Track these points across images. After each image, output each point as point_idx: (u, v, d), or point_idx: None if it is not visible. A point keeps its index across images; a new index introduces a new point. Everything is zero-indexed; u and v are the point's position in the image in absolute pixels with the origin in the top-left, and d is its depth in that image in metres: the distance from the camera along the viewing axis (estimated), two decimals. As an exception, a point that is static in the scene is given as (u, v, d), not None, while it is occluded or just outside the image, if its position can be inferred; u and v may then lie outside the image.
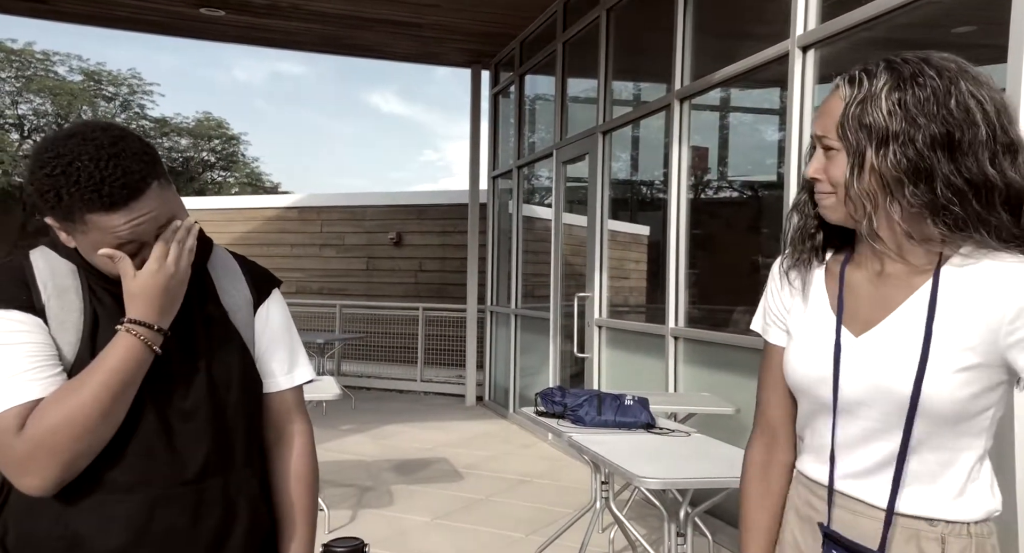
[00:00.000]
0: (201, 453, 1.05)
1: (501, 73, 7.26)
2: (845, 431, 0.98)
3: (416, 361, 8.25)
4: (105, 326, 1.02)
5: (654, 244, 5.13)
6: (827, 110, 0.95)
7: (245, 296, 1.16)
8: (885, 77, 0.90)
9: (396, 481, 4.55)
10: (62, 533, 0.99)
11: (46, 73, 22.45)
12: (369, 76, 72.89)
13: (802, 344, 1.03)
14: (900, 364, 0.92)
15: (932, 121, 0.87)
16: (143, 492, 1.01)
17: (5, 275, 1.02)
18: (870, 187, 0.91)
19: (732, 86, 4.13)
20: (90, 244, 0.99)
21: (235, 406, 1.10)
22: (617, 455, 2.33)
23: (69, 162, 0.94)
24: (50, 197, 0.95)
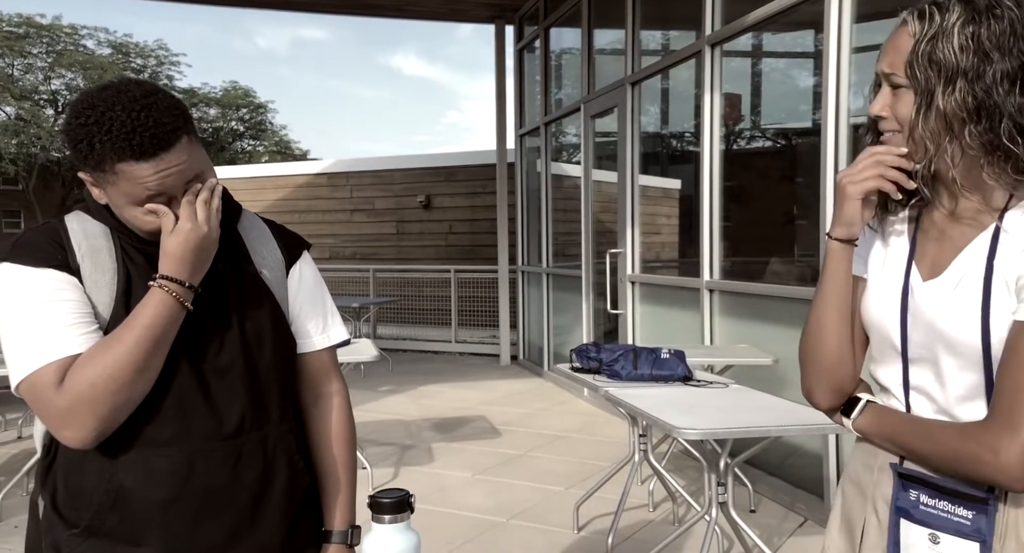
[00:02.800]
0: (237, 408, 1.07)
1: (525, 27, 7.11)
2: (918, 371, 0.97)
3: (450, 322, 8.33)
4: (138, 285, 1.04)
5: (686, 197, 5.05)
6: (895, 46, 0.91)
7: (276, 257, 1.17)
8: (959, 10, 0.87)
9: (436, 439, 4.64)
10: (108, 487, 1.02)
11: (75, 47, 22.66)
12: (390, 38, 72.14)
13: (875, 286, 1.02)
14: (964, 313, 0.90)
15: (1006, 55, 0.85)
16: (183, 446, 1.03)
17: (41, 236, 1.04)
18: (935, 128, 0.88)
19: (765, 29, 3.98)
20: (120, 196, 1.00)
21: (269, 362, 1.12)
22: (655, 407, 2.34)
23: (102, 112, 0.96)
24: (83, 147, 0.97)
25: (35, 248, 1.01)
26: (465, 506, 3.47)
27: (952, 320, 0.91)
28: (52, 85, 23.33)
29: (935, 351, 0.94)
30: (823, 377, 1.02)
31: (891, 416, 0.99)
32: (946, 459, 0.91)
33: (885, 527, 0.99)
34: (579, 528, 3.18)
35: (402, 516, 0.94)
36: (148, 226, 1.02)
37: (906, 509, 0.96)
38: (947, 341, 0.92)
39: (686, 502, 3.27)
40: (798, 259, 3.94)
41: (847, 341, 1.01)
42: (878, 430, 0.99)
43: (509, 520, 3.31)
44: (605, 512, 3.26)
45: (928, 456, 0.93)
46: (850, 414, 1.02)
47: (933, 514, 0.93)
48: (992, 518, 0.89)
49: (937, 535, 0.93)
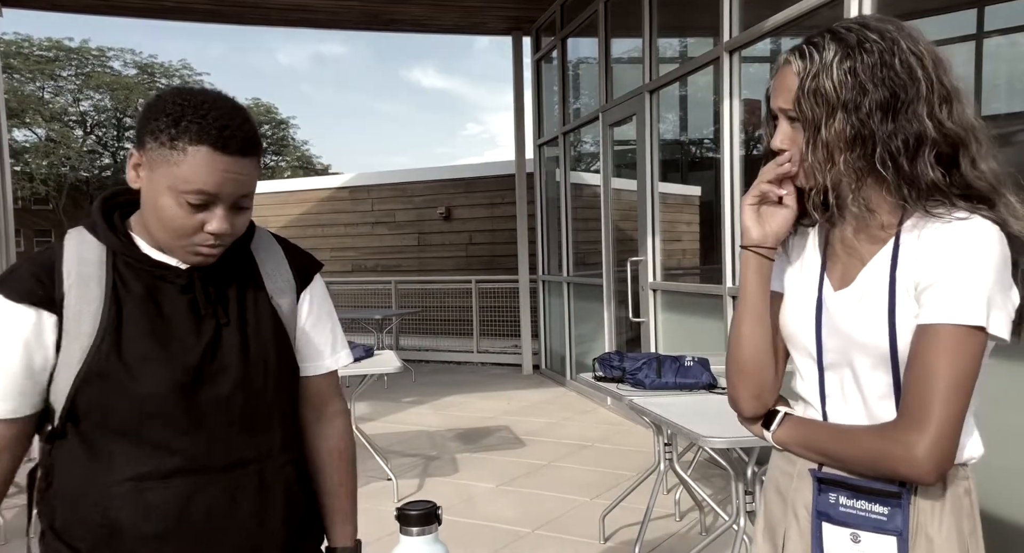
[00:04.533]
0: (236, 441, 1.06)
1: (543, 38, 7.15)
2: (832, 378, 1.03)
3: (472, 333, 8.34)
4: (131, 317, 1.01)
5: (706, 204, 5.02)
6: (784, 85, 0.98)
7: (288, 281, 1.15)
8: (833, 47, 0.94)
9: (460, 450, 4.64)
10: (101, 521, 1.01)
11: (103, 69, 23.18)
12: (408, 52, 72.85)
13: (791, 300, 1.07)
14: (872, 319, 0.96)
15: (879, 86, 0.91)
16: (180, 480, 1.02)
17: (31, 266, 1.02)
18: (820, 157, 0.95)
19: (783, 34, 3.97)
20: (167, 179, 0.97)
21: (272, 394, 1.10)
22: (680, 416, 2.32)
23: (203, 102, 0.98)
24: (166, 119, 0.96)
25: (20, 280, 1.00)
26: (491, 517, 3.47)
27: (862, 326, 0.97)
28: (81, 107, 23.86)
29: (848, 356, 1.00)
30: (744, 384, 1.06)
31: (808, 425, 1.04)
32: (863, 460, 0.95)
33: (805, 531, 1.03)
34: (605, 538, 3.16)
35: (430, 528, 0.95)
36: (175, 221, 0.99)
37: (826, 512, 1.00)
38: (858, 346, 0.98)
39: (713, 511, 3.23)
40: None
41: (764, 348, 1.05)
42: (796, 439, 1.04)
43: (535, 531, 3.29)
44: (631, 522, 3.24)
45: (846, 459, 0.98)
46: (770, 426, 1.07)
47: (852, 514, 0.98)
48: (906, 511, 0.94)
49: (858, 534, 0.97)
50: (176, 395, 1.02)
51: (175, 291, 1.05)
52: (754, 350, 1.05)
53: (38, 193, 24.37)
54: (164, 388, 1.01)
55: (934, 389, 0.88)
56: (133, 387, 1.00)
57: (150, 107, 1.00)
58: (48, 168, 23.40)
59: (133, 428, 1.01)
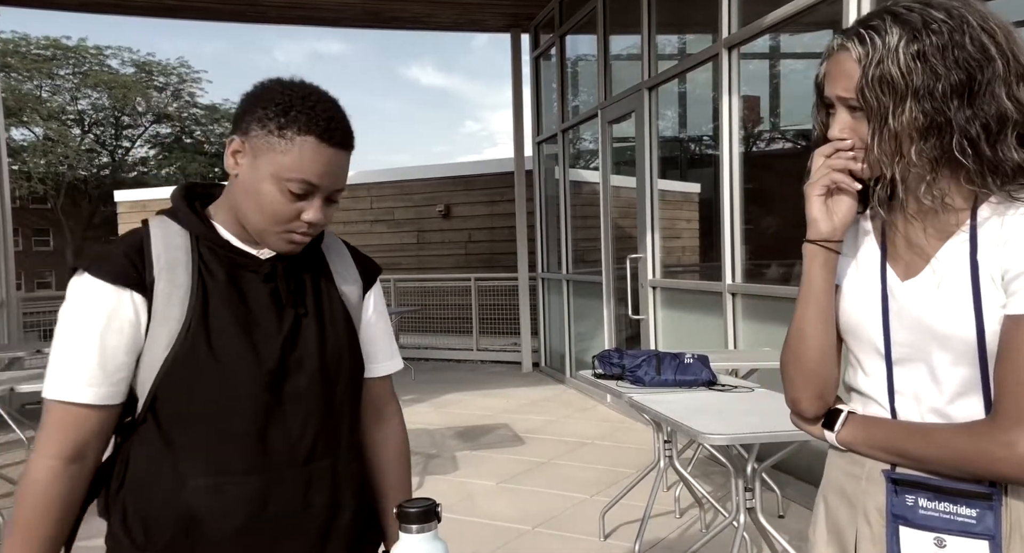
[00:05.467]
0: (311, 435, 1.06)
1: (541, 35, 7.14)
2: (903, 373, 0.96)
3: (471, 331, 8.34)
4: (217, 305, 1.02)
5: (706, 201, 5.02)
6: (841, 72, 0.91)
7: (356, 280, 1.18)
8: (896, 30, 0.87)
9: (460, 447, 4.64)
10: (180, 514, 1.01)
11: (100, 67, 23.12)
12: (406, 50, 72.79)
13: (851, 290, 1.01)
14: (955, 309, 0.90)
15: (952, 69, 0.85)
16: (258, 474, 1.02)
17: (123, 248, 1.02)
18: (888, 148, 0.89)
19: (782, 31, 3.96)
20: (272, 167, 0.99)
21: (343, 388, 1.11)
22: (679, 413, 2.32)
23: (308, 94, 1.01)
24: (275, 108, 0.99)
25: (114, 263, 1.00)
26: (490, 515, 3.47)
27: (943, 317, 0.91)
28: (79, 105, 23.81)
29: (925, 349, 0.93)
30: (807, 384, 1.01)
31: (879, 424, 0.97)
32: (952, 460, 0.89)
33: (879, 536, 0.96)
34: (605, 536, 3.16)
35: (429, 525, 0.94)
36: (274, 206, 1.01)
37: (903, 515, 0.94)
38: (938, 338, 0.91)
39: (713, 508, 3.23)
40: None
41: (830, 347, 1.00)
42: (866, 439, 0.97)
43: (535, 528, 3.29)
44: (631, 519, 3.24)
45: (930, 460, 0.91)
46: (832, 426, 1.01)
47: (935, 517, 0.92)
48: (999, 514, 0.88)
49: (943, 538, 0.91)
50: (260, 385, 1.02)
51: (257, 280, 1.06)
52: (820, 350, 0.99)
53: (36, 192, 24.33)
54: (250, 377, 1.02)
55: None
56: (220, 375, 1.00)
57: (256, 96, 1.02)
58: (46, 167, 23.36)
59: (215, 418, 1.01)
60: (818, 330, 1.00)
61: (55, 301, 9.12)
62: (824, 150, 0.96)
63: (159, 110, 24.13)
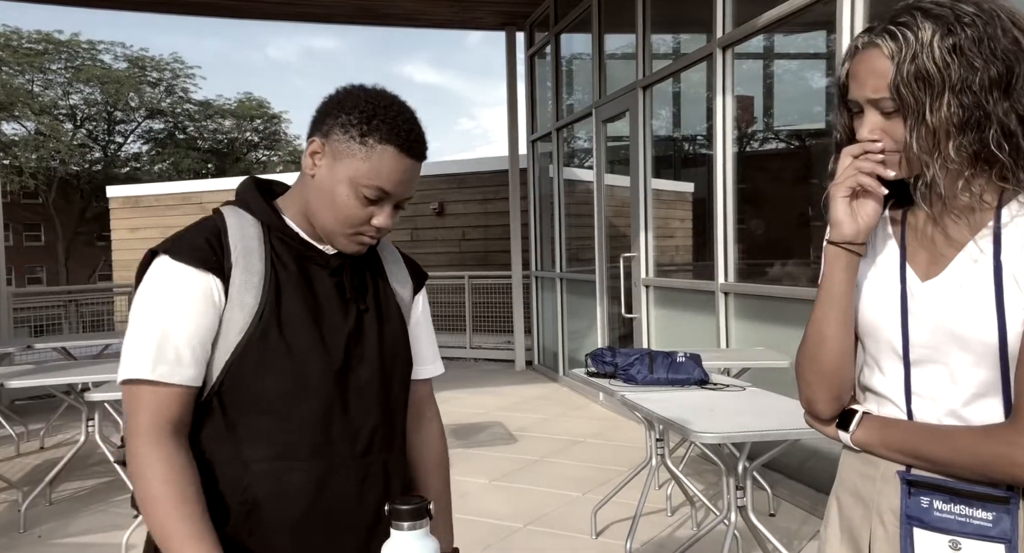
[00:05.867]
0: (369, 428, 1.08)
1: (536, 34, 7.13)
2: (922, 374, 0.95)
3: (464, 328, 8.34)
4: (288, 296, 1.04)
5: (699, 201, 5.03)
6: (873, 69, 0.90)
7: (408, 282, 1.21)
8: (929, 25, 0.86)
9: (452, 445, 4.64)
10: (243, 498, 1.02)
11: (93, 62, 22.97)
12: (400, 47, 72.64)
13: (869, 290, 1.00)
14: (976, 311, 0.89)
15: (989, 61, 0.84)
16: (318, 463, 1.04)
17: (203, 234, 1.04)
18: (925, 144, 0.88)
19: (776, 31, 3.97)
20: (349, 171, 1.02)
21: (398, 385, 1.14)
22: (671, 411, 2.33)
23: (391, 103, 1.04)
24: (360, 116, 1.01)
25: (195, 247, 1.02)
26: (483, 512, 3.47)
27: (964, 319, 0.90)
28: (71, 100, 23.66)
29: (944, 351, 0.92)
30: (824, 386, 1.00)
31: (896, 425, 0.96)
32: (971, 463, 0.88)
33: (894, 537, 0.96)
34: (597, 533, 3.17)
35: (420, 523, 0.95)
36: (347, 210, 1.03)
37: (918, 517, 0.93)
38: (958, 340, 0.91)
39: (704, 506, 3.25)
40: (814, 261, 3.91)
41: (849, 349, 0.99)
42: (882, 440, 0.97)
43: (527, 526, 3.30)
44: (623, 517, 3.25)
45: (948, 462, 0.91)
46: (846, 427, 1.00)
47: (950, 519, 0.91)
48: (1015, 518, 0.87)
49: (958, 541, 0.90)
50: (329, 375, 1.05)
51: (323, 274, 1.08)
52: (840, 353, 0.98)
53: (27, 187, 24.17)
54: (319, 367, 1.04)
55: None
56: (291, 363, 1.02)
57: (340, 101, 1.04)
58: (37, 162, 23.21)
59: (283, 405, 1.03)
60: (839, 334, 0.98)
61: (46, 296, 9.04)
62: (852, 150, 0.94)
63: (152, 106, 24.01)
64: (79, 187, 24.45)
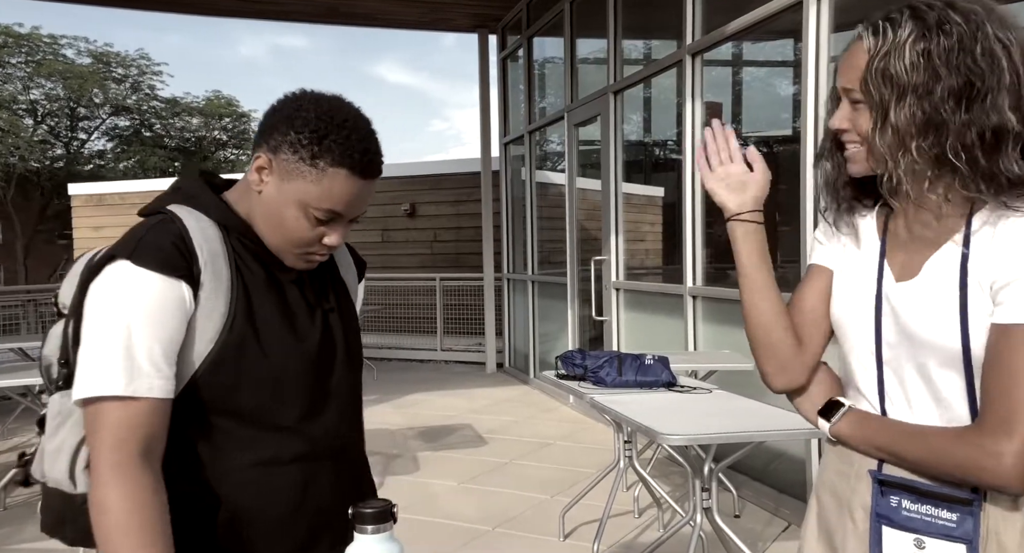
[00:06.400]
0: (345, 427, 1.09)
1: (508, 37, 7.14)
2: (893, 374, 0.97)
3: (435, 330, 8.31)
4: (259, 299, 1.01)
5: (669, 205, 5.08)
6: (852, 62, 0.93)
7: (355, 275, 1.21)
8: (910, 26, 0.88)
9: (421, 448, 4.62)
10: (223, 507, 1.00)
11: (55, 57, 22.43)
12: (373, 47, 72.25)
13: (845, 287, 1.02)
14: (942, 316, 0.90)
15: (953, 72, 0.85)
16: (299, 465, 1.04)
17: (166, 237, 0.96)
18: (890, 142, 0.89)
19: (745, 38, 4.04)
20: (298, 193, 0.97)
21: (359, 382, 1.15)
22: (639, 413, 2.35)
23: (344, 120, 0.97)
24: (311, 135, 0.95)
25: (162, 251, 0.94)
26: (451, 515, 3.46)
27: (930, 323, 0.92)
28: (31, 95, 23.05)
29: (912, 352, 0.94)
30: (763, 358, 1.04)
31: (875, 422, 0.98)
32: (941, 464, 0.90)
33: (864, 535, 0.98)
34: (565, 536, 3.18)
35: (384, 526, 0.94)
36: (297, 232, 0.99)
37: (887, 515, 0.95)
38: (924, 342, 0.92)
39: (671, 508, 3.27)
40: (780, 265, 3.98)
41: (773, 321, 1.02)
42: (861, 435, 0.98)
43: (495, 529, 3.30)
44: (591, 519, 3.26)
45: (919, 461, 0.92)
46: (829, 418, 1.01)
47: (917, 519, 0.93)
48: (978, 519, 0.89)
49: (922, 540, 0.92)
50: (306, 378, 1.04)
51: (286, 279, 1.06)
52: (764, 326, 1.01)
53: (-15, 184, 23.48)
54: (297, 370, 1.03)
55: (1020, 394, 0.83)
56: (268, 367, 1.00)
57: (289, 117, 0.97)
58: (-4, 158, 22.55)
59: (259, 410, 1.01)
60: (755, 307, 1.02)
61: (3, 296, 8.78)
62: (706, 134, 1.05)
63: (117, 102, 23.51)
64: (39, 184, 23.81)
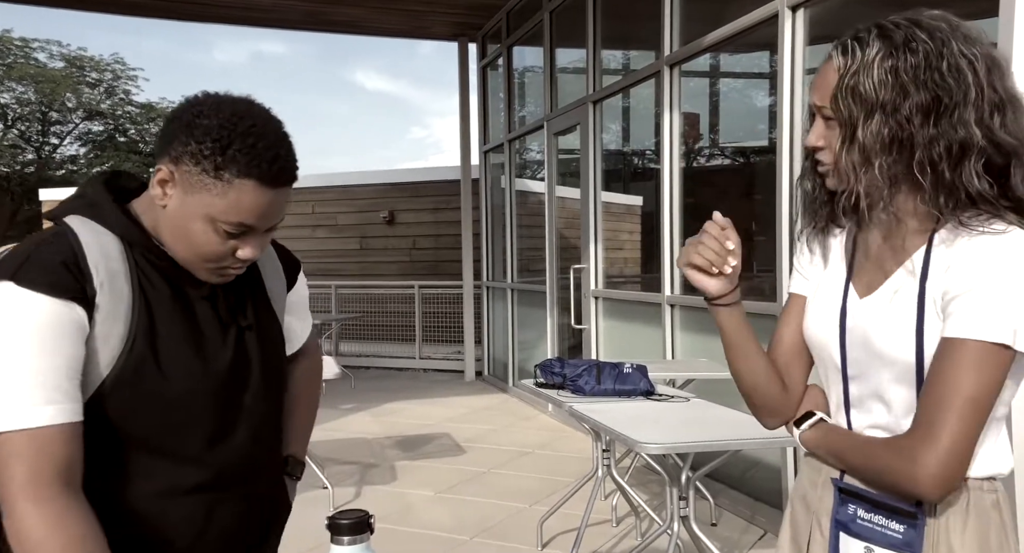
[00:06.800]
0: (256, 452, 1.03)
1: (488, 45, 7.17)
2: (857, 389, 1.00)
3: (414, 339, 8.27)
4: (163, 319, 0.94)
5: (648, 214, 5.12)
6: (824, 80, 0.94)
7: (281, 279, 1.14)
8: (877, 45, 0.89)
9: (399, 457, 4.58)
10: (123, 539, 0.93)
11: (26, 60, 22.05)
12: (352, 53, 72.15)
13: (815, 306, 1.05)
14: (898, 332, 0.92)
15: (921, 88, 0.87)
16: (204, 493, 0.99)
17: (55, 255, 0.88)
18: (856, 159, 0.91)
19: (722, 50, 4.09)
20: (204, 207, 0.90)
21: (279, 401, 1.10)
22: (617, 422, 2.35)
23: (252, 125, 0.90)
24: (212, 145, 0.88)
25: (49, 271, 0.87)
26: (428, 525, 3.43)
27: (886, 337, 0.94)
28: (1, 99, 22.63)
29: (872, 367, 0.96)
30: (756, 408, 1.09)
31: (837, 432, 1.02)
32: (873, 471, 0.93)
33: (826, 541, 1.01)
34: (543, 545, 3.17)
35: (361, 537, 0.92)
36: (207, 246, 0.93)
37: (845, 523, 0.98)
38: (881, 357, 0.95)
39: (649, 516, 3.28)
40: (756, 274, 4.02)
41: (762, 378, 1.06)
42: (824, 444, 1.02)
43: (473, 538, 3.27)
44: (569, 528, 3.25)
45: (859, 468, 0.96)
46: (800, 426, 1.05)
47: (868, 528, 0.95)
48: (921, 532, 0.91)
49: (872, 548, 0.95)
50: (214, 401, 0.98)
51: (196, 295, 0.99)
52: (752, 387, 1.06)
53: (-47, 188, 22.97)
54: (201, 395, 0.97)
55: (950, 404, 0.85)
56: (169, 392, 0.94)
57: (189, 125, 0.90)
58: (-36, 162, 22.09)
59: (159, 438, 0.95)
60: (746, 370, 1.06)
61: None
62: (691, 239, 1.03)
63: (91, 107, 23.17)
64: (9, 189, 23.35)
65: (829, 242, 1.06)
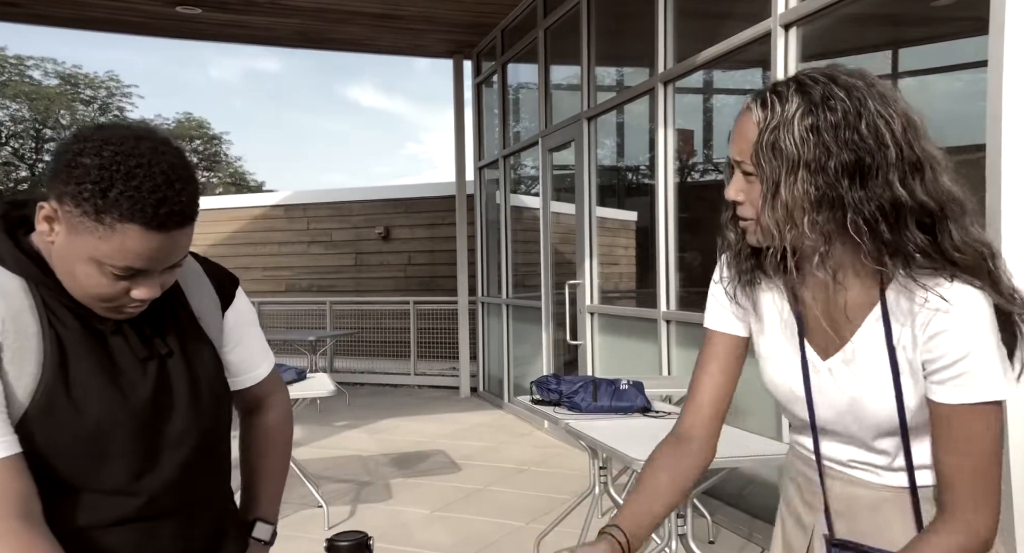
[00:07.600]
0: (190, 479, 1.00)
1: (483, 63, 7.22)
2: (829, 444, 1.02)
3: (409, 355, 8.24)
4: (75, 353, 0.92)
5: (643, 229, 5.13)
6: (742, 133, 0.91)
7: (213, 299, 1.09)
8: (797, 100, 0.87)
9: (394, 475, 4.55)
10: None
11: (20, 78, 22.08)
12: (347, 70, 72.52)
13: (774, 362, 1.04)
14: (877, 393, 0.94)
15: (843, 148, 0.85)
16: (131, 525, 0.96)
17: None
18: (780, 216, 0.88)
19: (716, 67, 4.12)
20: (87, 249, 0.87)
21: (217, 424, 1.05)
22: (614, 439, 2.34)
23: (136, 165, 0.85)
24: (92, 188, 0.83)
25: None
26: (425, 544, 3.39)
27: (867, 401, 0.95)
28: (-4, 116, 22.65)
29: (850, 426, 0.98)
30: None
31: None
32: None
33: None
34: (541, 564, 3.14)
35: (359, 559, 0.92)
36: (96, 288, 0.89)
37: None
38: (862, 418, 0.96)
39: (647, 534, 3.25)
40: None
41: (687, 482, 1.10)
42: None
43: (470, 557, 3.24)
44: (566, 546, 3.22)
45: None
46: None
47: None
48: None
49: None
50: (131, 434, 0.95)
51: (107, 329, 0.96)
52: None
53: (-54, 205, 22.82)
54: (120, 427, 0.94)
55: (984, 470, 0.88)
56: (84, 426, 0.91)
57: (69, 164, 0.85)
58: (-42, 179, 22.03)
59: (84, 470, 0.93)
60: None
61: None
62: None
63: (85, 124, 23.17)
64: (3, 206, 23.24)
65: (758, 295, 1.04)
